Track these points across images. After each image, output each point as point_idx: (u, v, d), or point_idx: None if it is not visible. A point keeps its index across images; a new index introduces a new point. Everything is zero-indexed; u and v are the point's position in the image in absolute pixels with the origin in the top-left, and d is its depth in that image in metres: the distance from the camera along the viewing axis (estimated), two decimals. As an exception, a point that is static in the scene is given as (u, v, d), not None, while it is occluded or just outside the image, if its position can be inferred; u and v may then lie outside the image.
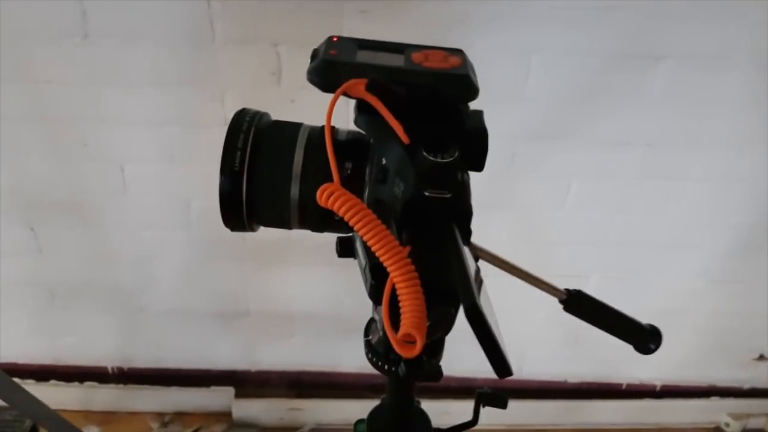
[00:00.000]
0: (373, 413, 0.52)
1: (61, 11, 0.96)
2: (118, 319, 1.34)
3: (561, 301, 0.51)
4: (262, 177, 0.37)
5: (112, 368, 1.41)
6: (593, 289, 0.62)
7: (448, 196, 0.33)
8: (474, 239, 0.37)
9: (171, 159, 1.11)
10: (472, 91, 0.36)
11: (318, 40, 0.38)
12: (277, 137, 0.38)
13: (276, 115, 0.43)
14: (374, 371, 1.66)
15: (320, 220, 0.38)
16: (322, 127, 0.40)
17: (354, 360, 1.40)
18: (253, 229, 0.41)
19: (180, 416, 1.41)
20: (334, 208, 0.31)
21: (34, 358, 1.39)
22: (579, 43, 1.01)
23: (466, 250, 0.32)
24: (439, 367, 0.43)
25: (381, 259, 0.30)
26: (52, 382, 1.40)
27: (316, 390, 1.43)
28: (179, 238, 1.21)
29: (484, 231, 0.42)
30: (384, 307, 0.31)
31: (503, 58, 1.01)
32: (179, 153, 1.11)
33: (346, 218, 0.31)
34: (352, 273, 0.40)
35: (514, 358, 0.29)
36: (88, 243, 1.22)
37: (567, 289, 0.51)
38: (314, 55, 0.38)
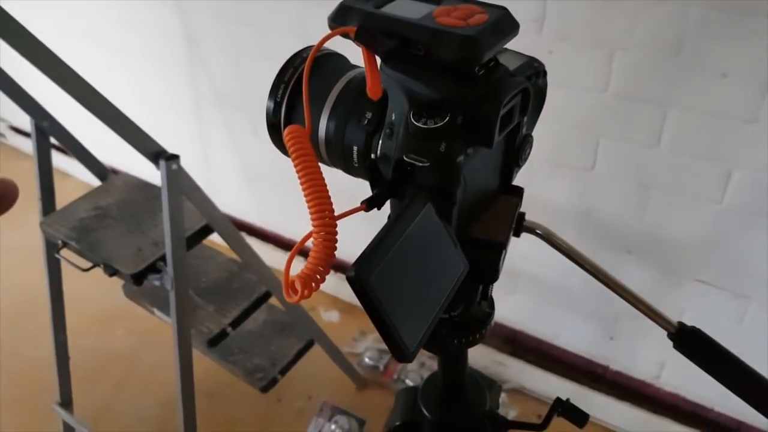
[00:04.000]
0: (428, 382, 0.51)
1: None
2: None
3: (669, 336, 0.41)
4: (298, 112, 0.38)
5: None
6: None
7: (426, 164, 0.31)
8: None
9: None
10: (470, 54, 0.31)
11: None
12: (323, 77, 0.38)
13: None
14: (591, 357, 1.53)
15: (342, 160, 0.38)
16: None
17: (572, 339, 1.33)
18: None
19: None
20: (288, 147, 0.32)
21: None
22: None
23: (420, 223, 0.29)
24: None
25: (308, 210, 0.30)
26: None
27: (529, 354, 1.40)
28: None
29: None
30: (292, 251, 0.31)
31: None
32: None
33: (293, 161, 0.31)
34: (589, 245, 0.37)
35: None
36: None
37: (680, 323, 0.41)
38: None
